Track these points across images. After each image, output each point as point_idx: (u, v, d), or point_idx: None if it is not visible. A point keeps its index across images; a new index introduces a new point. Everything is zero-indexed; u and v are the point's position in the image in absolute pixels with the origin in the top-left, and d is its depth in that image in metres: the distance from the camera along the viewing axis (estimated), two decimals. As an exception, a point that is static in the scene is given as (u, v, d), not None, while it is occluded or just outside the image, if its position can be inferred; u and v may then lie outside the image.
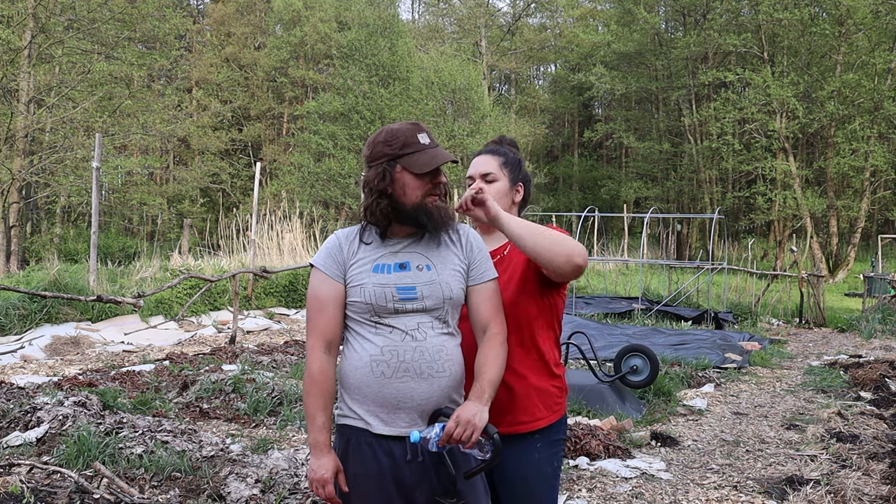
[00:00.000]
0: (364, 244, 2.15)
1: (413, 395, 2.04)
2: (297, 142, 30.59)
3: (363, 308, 2.08)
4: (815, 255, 25.23)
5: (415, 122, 2.16)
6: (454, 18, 44.68)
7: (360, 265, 2.11)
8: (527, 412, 2.27)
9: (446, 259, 2.15)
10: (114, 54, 21.40)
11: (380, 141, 2.12)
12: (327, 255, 2.16)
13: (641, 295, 14.54)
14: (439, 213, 2.12)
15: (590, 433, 5.08)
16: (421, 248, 2.15)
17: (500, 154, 2.43)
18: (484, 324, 2.17)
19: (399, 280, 2.08)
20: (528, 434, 2.27)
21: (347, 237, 2.18)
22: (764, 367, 8.97)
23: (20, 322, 9.03)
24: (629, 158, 37.82)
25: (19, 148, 19.00)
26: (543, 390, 2.29)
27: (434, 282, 2.10)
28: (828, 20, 26.34)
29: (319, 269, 2.14)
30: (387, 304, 2.06)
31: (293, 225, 15.89)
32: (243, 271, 10.51)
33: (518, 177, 2.44)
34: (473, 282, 2.17)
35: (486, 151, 2.45)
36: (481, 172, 2.39)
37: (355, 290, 2.09)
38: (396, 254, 2.13)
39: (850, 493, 4.21)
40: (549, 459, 2.30)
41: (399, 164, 2.09)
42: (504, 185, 2.40)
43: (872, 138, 25.58)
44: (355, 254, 2.13)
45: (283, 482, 3.95)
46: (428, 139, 2.12)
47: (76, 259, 18.31)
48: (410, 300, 2.08)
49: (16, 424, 4.64)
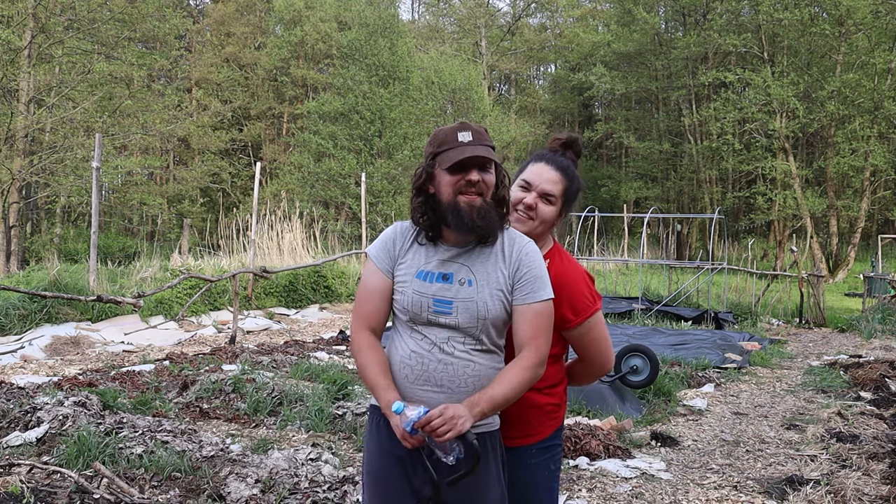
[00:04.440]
0: (419, 245, 2.12)
1: (431, 405, 2.01)
2: (298, 142, 30.60)
3: (402, 310, 2.10)
4: (815, 255, 25.23)
5: (464, 121, 2.12)
6: (454, 18, 44.70)
7: (407, 267, 2.10)
8: (518, 429, 2.24)
9: (490, 276, 2.07)
10: (114, 54, 21.42)
11: (428, 142, 2.13)
12: (381, 247, 2.15)
13: (641, 295, 14.53)
14: (471, 213, 2.01)
15: (590, 433, 5.08)
16: (471, 260, 2.08)
17: (569, 177, 2.26)
18: (520, 345, 2.09)
19: (439, 292, 2.05)
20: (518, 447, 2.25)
21: (404, 233, 2.15)
22: (764, 367, 8.97)
23: (20, 322, 9.03)
24: (629, 158, 37.81)
25: (19, 148, 19.00)
26: (537, 407, 2.25)
27: (472, 300, 2.04)
28: (828, 20, 26.33)
29: (372, 259, 2.15)
30: (421, 313, 2.06)
31: (293, 225, 15.89)
32: (243, 271, 10.51)
33: (570, 206, 2.31)
34: (518, 302, 2.08)
35: (556, 165, 2.26)
36: (545, 191, 2.24)
37: (398, 292, 2.11)
38: (444, 262, 2.08)
39: (850, 493, 4.21)
40: (546, 464, 2.29)
41: (436, 161, 2.07)
42: (557, 210, 2.27)
43: (872, 138, 25.57)
44: (405, 253, 2.12)
45: (283, 482, 3.95)
46: (469, 137, 2.03)
47: (76, 259, 18.30)
48: (444, 314, 2.04)
49: (16, 424, 4.64)
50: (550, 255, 2.28)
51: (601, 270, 19.50)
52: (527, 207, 2.23)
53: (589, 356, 2.29)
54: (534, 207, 2.23)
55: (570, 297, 2.20)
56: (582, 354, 2.31)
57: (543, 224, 2.25)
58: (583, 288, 2.22)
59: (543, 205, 2.24)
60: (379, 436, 2.14)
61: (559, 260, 2.28)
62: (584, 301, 2.21)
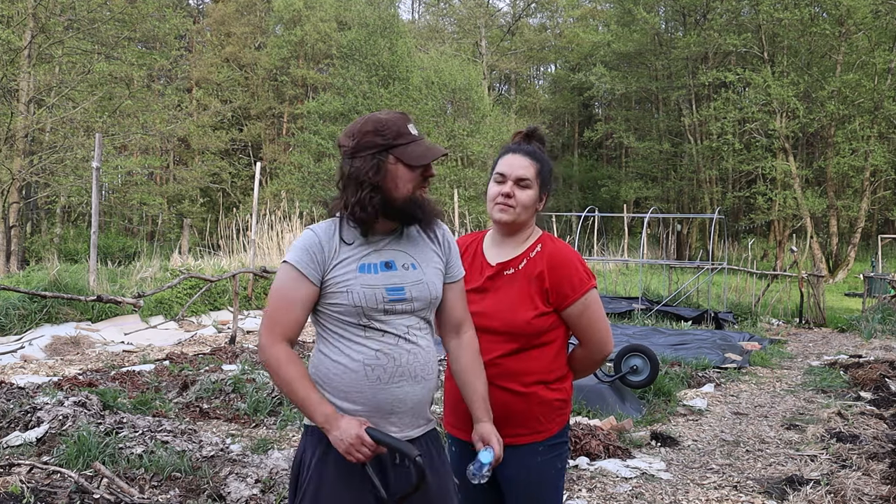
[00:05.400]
0: (345, 243, 2.00)
1: (407, 399, 2.00)
2: (297, 142, 30.60)
3: (350, 311, 1.96)
4: (815, 255, 25.22)
5: (401, 111, 2.07)
6: (454, 18, 44.68)
7: (345, 265, 1.97)
8: (526, 425, 2.26)
9: (428, 258, 2.08)
10: (114, 54, 21.43)
11: (368, 130, 1.97)
12: (305, 253, 1.98)
13: (641, 295, 14.53)
14: (430, 207, 2.03)
15: (590, 433, 5.08)
16: (403, 245, 2.05)
17: (536, 159, 2.31)
18: (457, 322, 2.14)
19: (387, 280, 1.98)
20: (527, 444, 2.27)
21: (327, 234, 2.01)
22: (764, 367, 8.97)
23: (20, 322, 9.03)
24: (629, 158, 37.81)
25: (19, 148, 19.01)
26: (545, 403, 2.27)
27: (421, 281, 2.03)
28: (828, 20, 26.32)
29: (296, 267, 1.97)
30: (377, 305, 1.96)
31: (293, 225, 15.90)
32: (243, 271, 10.52)
33: (548, 186, 2.35)
34: (449, 280, 2.13)
35: (523, 152, 2.32)
36: (518, 176, 2.28)
37: (340, 294, 1.96)
38: (381, 252, 2.02)
39: (850, 493, 4.21)
40: (552, 462, 2.29)
41: (392, 154, 1.96)
42: (535, 193, 2.30)
43: (872, 138, 25.57)
44: (337, 254, 1.98)
45: (283, 482, 3.95)
46: (415, 130, 2.02)
47: (76, 259, 18.31)
48: (400, 301, 1.99)
49: (16, 424, 4.64)
50: (542, 240, 2.34)
51: (601, 270, 19.50)
52: (505, 196, 2.28)
53: (588, 336, 2.33)
54: (512, 195, 2.28)
55: (569, 274, 2.27)
56: (581, 336, 2.34)
57: (525, 209, 2.30)
58: (578, 265, 2.29)
59: (520, 190, 2.28)
60: (326, 461, 1.96)
61: (551, 242, 2.34)
62: (580, 276, 2.28)
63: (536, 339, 2.25)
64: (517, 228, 2.32)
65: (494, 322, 2.24)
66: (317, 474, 1.97)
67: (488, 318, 2.24)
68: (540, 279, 2.25)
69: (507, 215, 2.28)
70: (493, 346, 2.23)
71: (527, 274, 2.27)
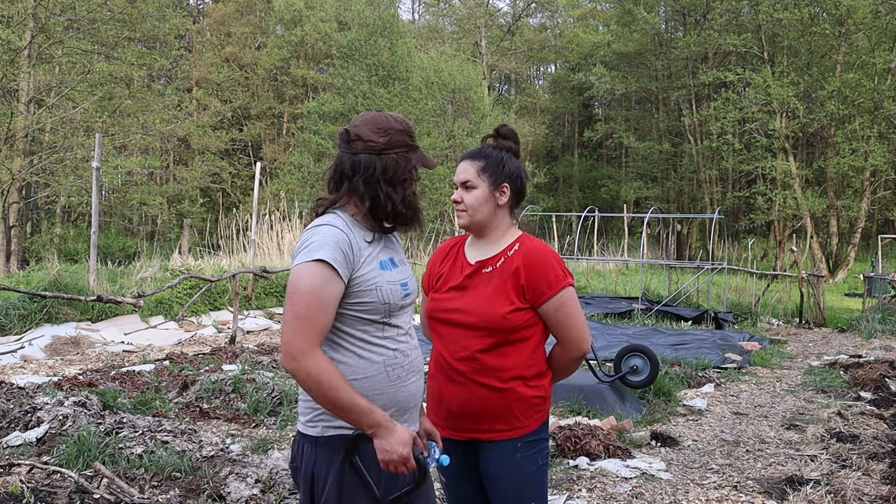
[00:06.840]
0: (365, 241, 1.99)
1: (417, 394, 2.06)
2: (298, 142, 30.59)
3: (378, 309, 1.95)
4: (815, 255, 25.22)
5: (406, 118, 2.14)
6: (454, 18, 44.68)
7: (369, 263, 1.96)
8: (505, 421, 2.30)
9: (402, 254, 2.17)
10: (114, 54, 21.42)
11: (398, 129, 2.00)
12: (339, 250, 1.89)
13: (641, 295, 14.53)
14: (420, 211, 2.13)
15: (590, 433, 5.07)
16: (391, 243, 2.11)
17: (479, 158, 2.37)
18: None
19: (399, 276, 2.04)
20: (506, 440, 2.31)
21: (351, 231, 1.97)
22: (764, 367, 8.96)
23: (20, 322, 9.03)
24: (629, 158, 37.80)
25: (19, 148, 19.01)
26: (523, 400, 2.31)
27: (412, 276, 2.13)
28: (828, 20, 26.31)
29: (332, 265, 1.88)
30: (397, 302, 2.00)
31: (293, 225, 15.89)
32: (243, 271, 10.52)
33: (501, 177, 2.37)
34: None
35: (467, 156, 2.39)
36: (461, 181, 2.37)
37: (369, 292, 1.93)
38: (385, 249, 2.06)
39: (850, 493, 4.21)
40: (533, 458, 2.32)
41: (414, 157, 2.03)
42: (483, 191, 2.35)
43: (872, 138, 25.56)
44: (361, 251, 1.96)
45: (283, 482, 3.95)
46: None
47: (76, 259, 18.31)
48: (408, 296, 2.07)
49: (16, 424, 4.64)
50: (520, 239, 2.38)
51: (601, 270, 19.50)
52: (455, 203, 2.38)
53: (564, 334, 2.35)
54: (460, 200, 2.36)
55: (545, 271, 2.30)
56: (558, 333, 2.37)
57: (476, 209, 2.35)
58: (554, 263, 2.33)
59: (466, 193, 2.35)
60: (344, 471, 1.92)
61: (529, 241, 2.38)
62: (556, 274, 2.31)
63: (513, 335, 2.28)
64: (481, 228, 2.38)
65: (472, 317, 2.28)
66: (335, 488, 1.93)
67: (466, 314, 2.29)
68: (516, 276, 2.29)
69: (462, 220, 2.37)
70: (471, 341, 2.28)
71: (504, 271, 2.32)
